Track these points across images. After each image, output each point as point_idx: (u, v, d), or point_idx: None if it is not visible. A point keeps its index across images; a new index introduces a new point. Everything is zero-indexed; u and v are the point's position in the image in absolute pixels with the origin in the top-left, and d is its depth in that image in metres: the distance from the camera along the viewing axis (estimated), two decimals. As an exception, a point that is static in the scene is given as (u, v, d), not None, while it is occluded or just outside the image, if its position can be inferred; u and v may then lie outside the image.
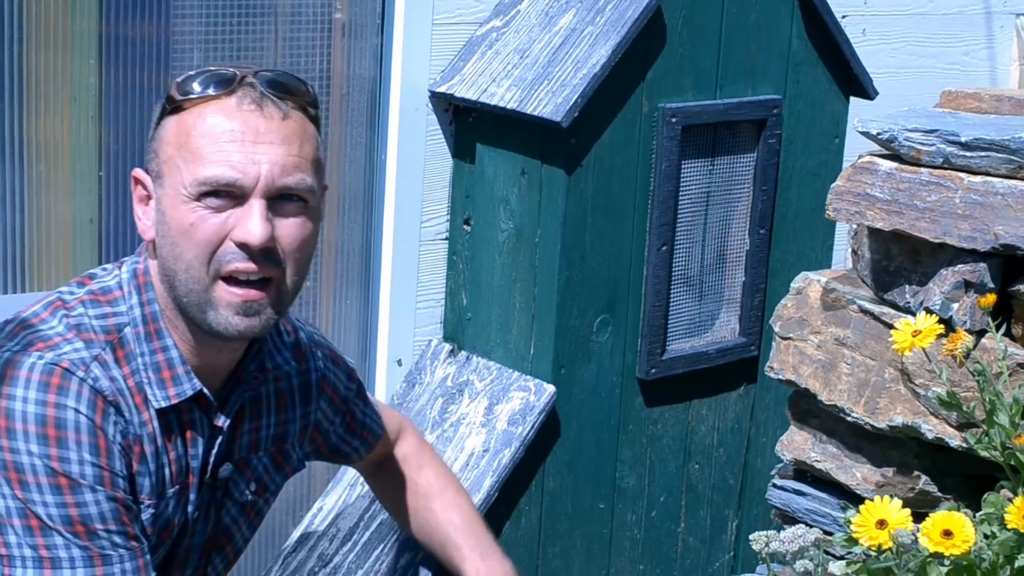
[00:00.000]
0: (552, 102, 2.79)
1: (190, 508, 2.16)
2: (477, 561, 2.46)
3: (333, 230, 3.11)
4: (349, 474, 3.01)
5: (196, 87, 2.02)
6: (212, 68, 2.05)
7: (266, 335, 2.15)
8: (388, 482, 2.56)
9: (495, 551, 2.50)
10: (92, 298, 2.08)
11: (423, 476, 2.54)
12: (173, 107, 2.03)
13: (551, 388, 2.90)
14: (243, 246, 1.99)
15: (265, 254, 2.00)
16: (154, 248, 2.08)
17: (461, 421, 2.95)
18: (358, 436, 2.46)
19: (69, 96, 2.76)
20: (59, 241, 2.78)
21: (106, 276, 2.13)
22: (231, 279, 2.01)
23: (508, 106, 2.86)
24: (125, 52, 2.80)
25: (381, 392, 3.15)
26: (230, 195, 1.99)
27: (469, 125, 3.04)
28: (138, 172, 2.09)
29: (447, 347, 3.10)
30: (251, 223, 1.98)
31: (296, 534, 2.99)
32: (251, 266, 2.00)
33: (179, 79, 2.05)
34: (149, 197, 2.07)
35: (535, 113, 2.80)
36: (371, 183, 3.11)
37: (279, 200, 2.01)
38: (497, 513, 2.88)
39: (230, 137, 1.99)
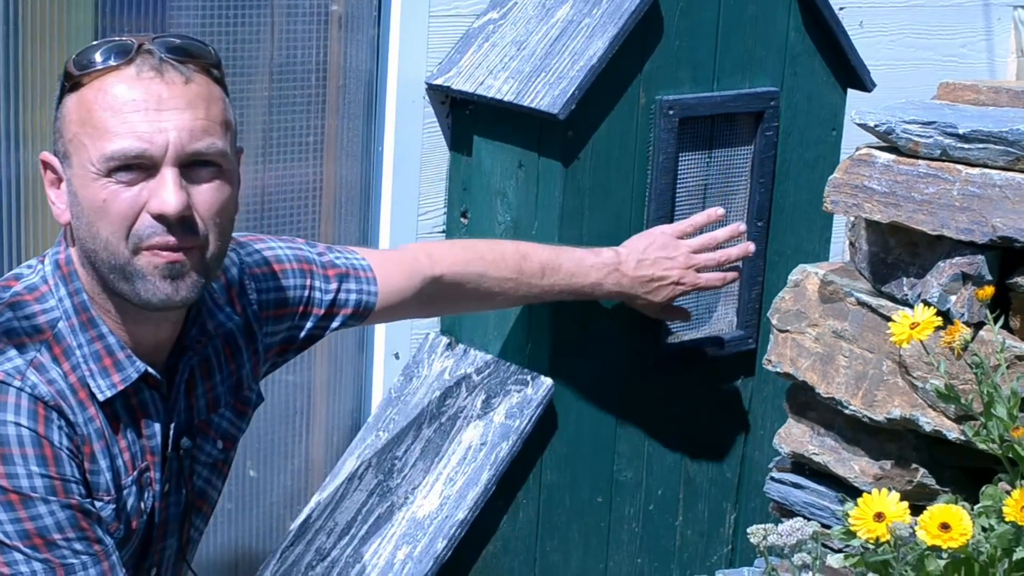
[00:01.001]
0: (549, 94, 2.78)
1: (156, 487, 2.14)
2: (591, 277, 2.76)
3: (330, 223, 3.10)
4: (347, 467, 3.01)
5: (94, 60, 1.98)
6: (109, 40, 2.01)
7: (202, 298, 2.12)
8: (455, 297, 2.66)
9: (576, 255, 2.76)
10: (19, 299, 2.04)
11: (468, 267, 2.63)
12: (72, 84, 1.99)
13: (549, 381, 2.90)
14: (159, 217, 1.96)
15: (183, 224, 1.97)
16: (71, 232, 2.05)
17: (459, 414, 2.94)
18: (337, 316, 2.45)
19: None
20: (56, 235, 2.77)
21: (31, 273, 2.09)
22: (151, 249, 1.98)
23: (505, 98, 2.85)
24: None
25: (378, 386, 3.14)
26: (140, 167, 1.95)
27: (466, 117, 3.03)
28: (46, 155, 2.05)
29: (444, 340, 3.09)
30: (165, 193, 1.95)
31: (293, 528, 2.98)
32: (170, 239, 1.97)
33: (75, 54, 2.00)
34: (60, 180, 2.04)
35: (532, 105, 2.79)
36: (368, 176, 3.10)
37: (191, 167, 1.98)
38: (495, 507, 2.87)
39: (133, 107, 1.95)
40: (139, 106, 1.95)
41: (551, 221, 2.86)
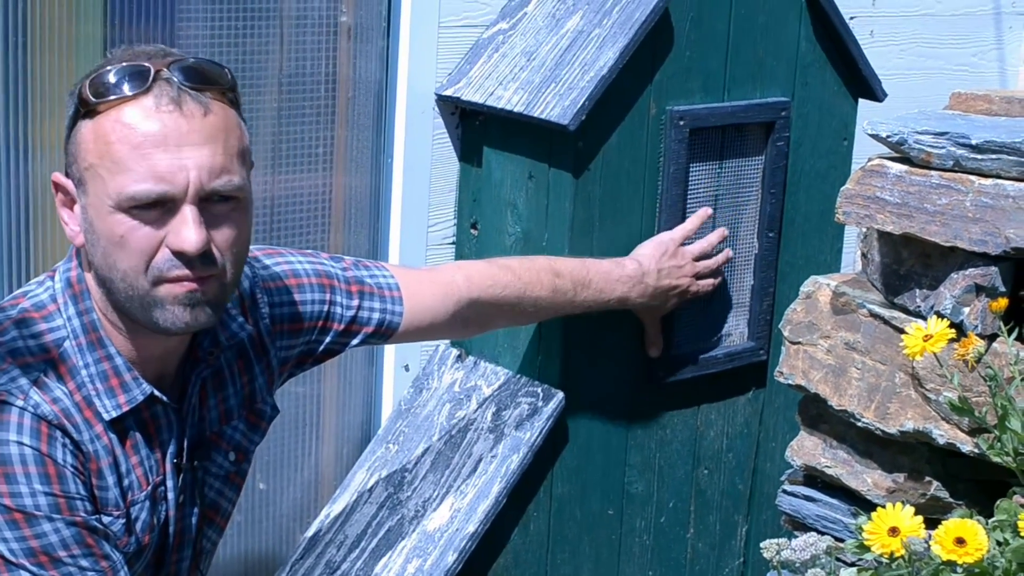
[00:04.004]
0: (559, 105, 2.77)
1: (170, 495, 2.14)
2: (618, 291, 2.78)
3: (340, 234, 3.09)
4: (357, 480, 3.00)
5: (109, 86, 1.95)
6: (124, 62, 1.98)
7: None
8: (490, 317, 2.65)
9: (603, 268, 2.78)
10: (26, 316, 2.04)
11: (505, 290, 2.62)
12: (87, 110, 1.97)
13: (559, 393, 2.89)
14: (179, 254, 1.96)
15: (202, 258, 1.97)
16: (86, 253, 2.03)
17: (469, 427, 2.93)
18: (359, 333, 2.43)
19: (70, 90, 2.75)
20: (64, 245, 2.77)
21: (39, 290, 2.08)
22: (172, 281, 1.98)
23: (515, 109, 2.84)
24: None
25: (388, 398, 3.13)
26: (160, 204, 1.94)
27: (476, 128, 3.02)
28: (58, 177, 2.04)
29: (455, 352, 3.08)
30: (185, 231, 1.94)
31: (303, 541, 2.97)
32: (187, 273, 1.97)
33: (90, 78, 1.97)
34: (73, 201, 2.02)
35: (542, 116, 2.79)
36: (377, 187, 3.09)
37: (209, 202, 1.97)
38: (505, 519, 2.86)
39: (152, 142, 1.93)
40: (158, 141, 1.93)
41: (561, 232, 2.85)
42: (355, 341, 2.43)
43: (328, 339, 2.40)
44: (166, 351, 2.12)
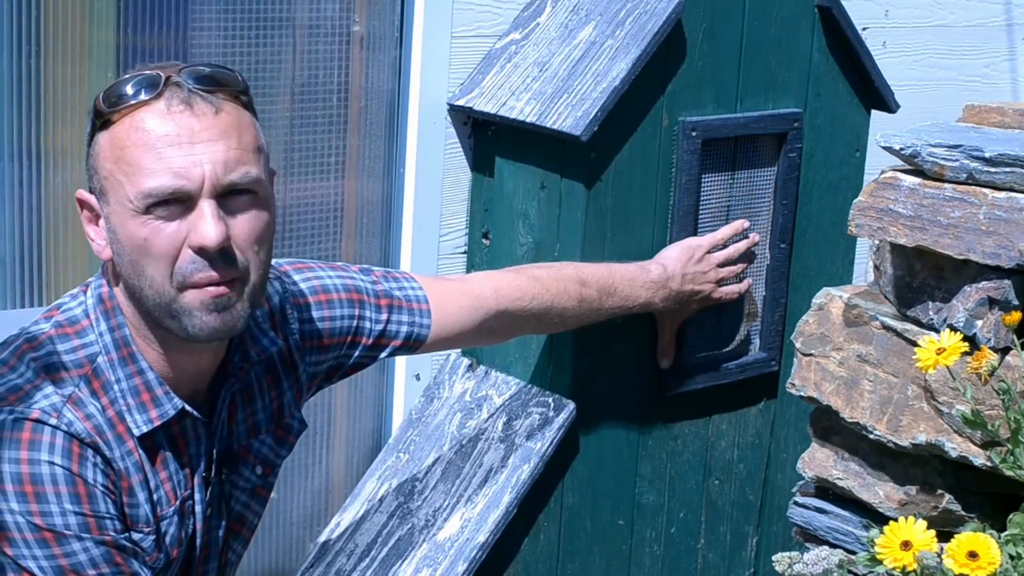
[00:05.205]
0: (572, 116, 2.77)
1: (198, 509, 2.15)
2: (643, 297, 2.79)
3: (352, 243, 3.10)
4: (368, 489, 3.00)
5: (122, 96, 1.98)
6: (136, 73, 2.00)
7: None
8: (517, 327, 2.67)
9: (628, 274, 2.78)
10: (60, 331, 2.05)
11: (533, 302, 2.62)
12: (103, 121, 1.99)
13: (570, 403, 2.89)
14: (200, 251, 1.96)
15: (223, 256, 1.97)
16: (113, 267, 2.05)
17: (480, 436, 2.93)
18: (387, 346, 2.44)
19: (87, 107, 2.75)
20: (76, 253, 2.77)
21: (72, 304, 2.09)
22: (196, 286, 1.98)
23: (527, 119, 2.84)
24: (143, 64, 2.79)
25: (399, 407, 3.13)
26: (178, 201, 1.95)
27: (488, 138, 3.02)
28: (81, 194, 2.06)
29: (465, 361, 3.08)
30: (204, 226, 1.95)
31: (313, 549, 2.97)
32: (213, 274, 1.97)
33: (104, 91, 2.00)
34: (97, 217, 2.04)
35: (554, 127, 2.79)
36: (389, 197, 3.09)
37: (228, 197, 1.98)
38: (516, 530, 2.86)
39: (166, 142, 1.95)
40: (172, 140, 1.95)
41: (573, 243, 2.85)
42: (383, 354, 2.44)
43: (357, 353, 2.41)
44: (199, 368, 2.13)
